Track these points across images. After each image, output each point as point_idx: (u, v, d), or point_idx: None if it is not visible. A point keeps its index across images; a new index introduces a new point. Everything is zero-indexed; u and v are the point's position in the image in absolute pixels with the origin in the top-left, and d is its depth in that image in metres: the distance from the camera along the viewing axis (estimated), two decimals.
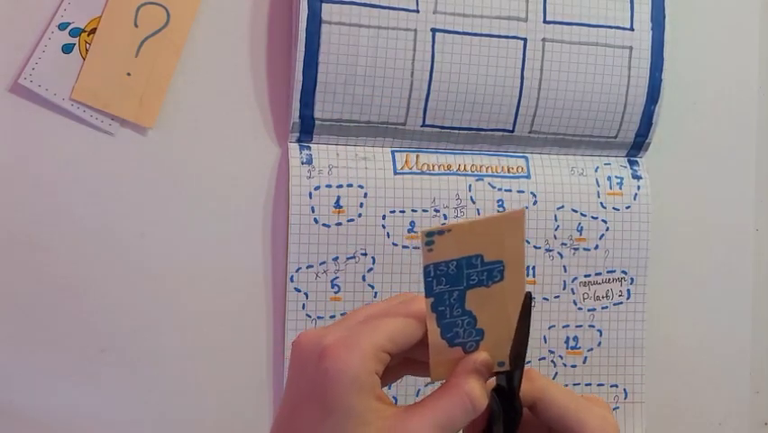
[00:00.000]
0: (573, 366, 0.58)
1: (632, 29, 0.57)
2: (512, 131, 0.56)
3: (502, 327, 0.39)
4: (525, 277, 0.39)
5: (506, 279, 0.38)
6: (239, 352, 0.54)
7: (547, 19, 0.55)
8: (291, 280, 0.53)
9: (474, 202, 0.56)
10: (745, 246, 0.64)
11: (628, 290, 0.58)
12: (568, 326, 0.58)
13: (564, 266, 0.57)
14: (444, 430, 0.36)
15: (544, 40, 0.55)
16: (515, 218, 0.37)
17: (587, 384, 0.58)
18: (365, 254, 0.54)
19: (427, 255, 0.37)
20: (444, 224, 0.37)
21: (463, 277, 0.38)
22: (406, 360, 0.40)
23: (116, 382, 0.52)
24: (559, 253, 0.57)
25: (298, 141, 0.54)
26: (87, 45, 0.51)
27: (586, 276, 0.58)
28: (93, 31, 0.51)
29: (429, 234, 0.36)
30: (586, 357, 0.58)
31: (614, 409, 0.58)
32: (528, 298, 0.39)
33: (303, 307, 0.53)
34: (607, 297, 0.58)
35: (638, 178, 0.59)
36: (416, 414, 0.36)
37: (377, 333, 0.36)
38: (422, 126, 0.55)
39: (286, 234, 0.53)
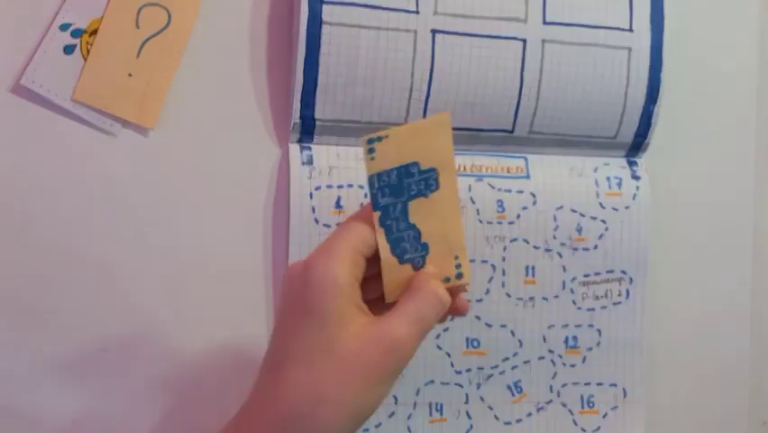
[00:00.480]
0: (573, 366, 0.58)
1: (631, 30, 0.57)
2: (512, 131, 0.56)
3: (442, 240, 0.41)
4: (458, 185, 0.41)
5: (441, 187, 0.39)
6: (239, 352, 0.54)
7: (547, 20, 0.55)
8: None
9: (474, 202, 0.56)
10: (745, 246, 0.64)
11: (628, 290, 0.59)
12: (567, 325, 0.58)
13: (564, 266, 0.57)
14: (419, 327, 0.38)
15: (543, 41, 0.55)
16: (442, 121, 0.40)
17: (586, 384, 0.58)
18: None
19: (370, 164, 0.40)
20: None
21: (404, 187, 0.40)
22: None
23: (116, 382, 0.52)
24: (558, 253, 0.57)
25: (299, 141, 0.54)
26: (89, 46, 0.51)
27: (585, 276, 0.58)
28: (94, 32, 0.51)
29: (370, 140, 0.40)
30: (585, 357, 0.58)
31: (613, 408, 0.59)
32: None
33: None
34: (606, 297, 0.58)
35: (637, 178, 0.59)
36: (392, 316, 0.38)
37: (349, 238, 0.39)
38: None
39: (286, 234, 0.53)
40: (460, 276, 0.41)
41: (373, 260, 0.41)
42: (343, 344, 0.37)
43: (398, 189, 0.40)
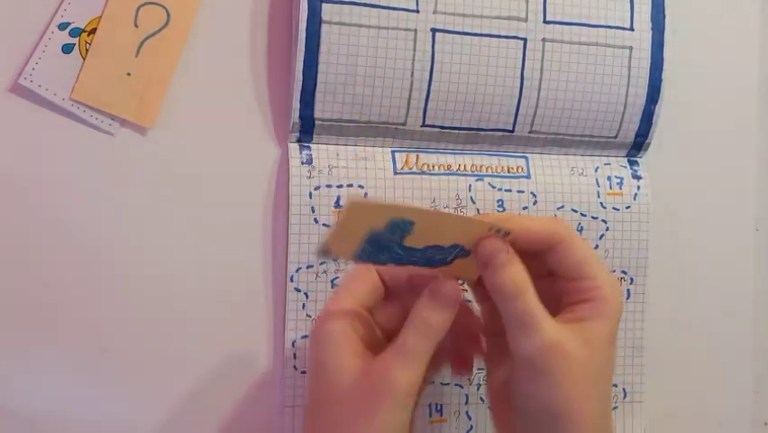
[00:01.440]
0: None
1: (632, 29, 0.57)
2: (512, 131, 0.56)
3: (465, 234, 0.42)
4: (421, 206, 0.45)
5: (414, 221, 0.40)
6: (239, 352, 0.54)
7: (547, 19, 0.55)
8: (291, 280, 0.53)
9: (474, 202, 0.56)
10: (745, 246, 0.64)
11: (628, 290, 0.58)
12: None
13: None
14: (406, 355, 0.40)
15: (543, 40, 0.55)
16: (355, 204, 0.39)
17: None
18: None
19: (343, 258, 0.43)
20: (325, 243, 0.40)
21: (385, 244, 0.41)
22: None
23: (117, 382, 0.52)
24: None
25: (298, 141, 0.54)
26: (87, 45, 0.51)
27: None
28: (93, 31, 0.51)
29: (322, 255, 0.41)
30: None
31: (613, 408, 0.58)
32: None
33: (303, 307, 0.53)
34: None
35: (638, 178, 0.59)
36: (386, 352, 0.41)
37: (343, 296, 0.43)
38: (422, 126, 0.55)
39: (286, 234, 0.53)
40: (506, 233, 0.42)
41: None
42: (340, 385, 0.40)
43: (383, 247, 0.41)
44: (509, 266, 0.41)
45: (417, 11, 0.53)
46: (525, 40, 0.55)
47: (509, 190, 0.56)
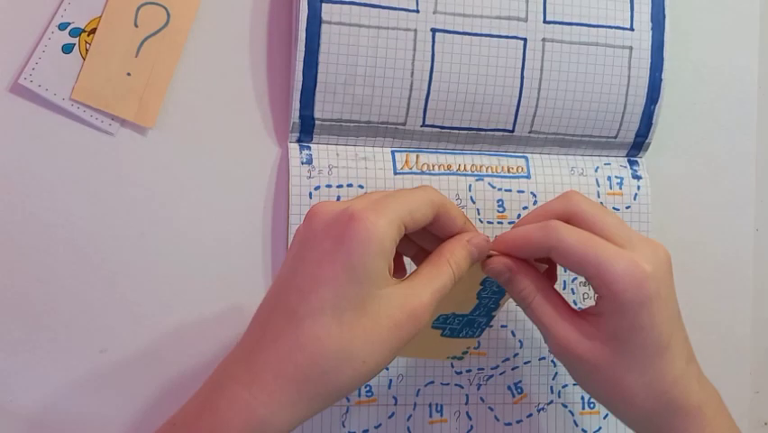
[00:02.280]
0: None
1: (632, 29, 0.57)
2: (512, 131, 0.56)
3: (466, 288, 0.47)
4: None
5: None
6: None
7: (547, 19, 0.55)
8: None
9: (474, 202, 0.56)
10: (745, 246, 0.64)
11: None
12: None
13: None
14: (438, 295, 0.40)
15: (543, 40, 0.55)
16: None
17: None
18: None
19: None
20: None
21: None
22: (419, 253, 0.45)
23: (116, 383, 0.52)
24: None
25: (298, 141, 0.54)
26: (87, 45, 0.51)
27: None
28: (93, 31, 0.51)
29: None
30: None
31: None
32: None
33: None
34: None
35: (638, 178, 0.59)
36: (417, 283, 0.40)
37: (400, 204, 0.39)
38: (422, 126, 0.55)
39: (286, 234, 0.53)
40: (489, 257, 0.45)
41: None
42: (375, 304, 0.38)
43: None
44: (512, 284, 0.44)
45: (417, 11, 0.53)
46: (525, 40, 0.55)
47: (509, 190, 0.56)
